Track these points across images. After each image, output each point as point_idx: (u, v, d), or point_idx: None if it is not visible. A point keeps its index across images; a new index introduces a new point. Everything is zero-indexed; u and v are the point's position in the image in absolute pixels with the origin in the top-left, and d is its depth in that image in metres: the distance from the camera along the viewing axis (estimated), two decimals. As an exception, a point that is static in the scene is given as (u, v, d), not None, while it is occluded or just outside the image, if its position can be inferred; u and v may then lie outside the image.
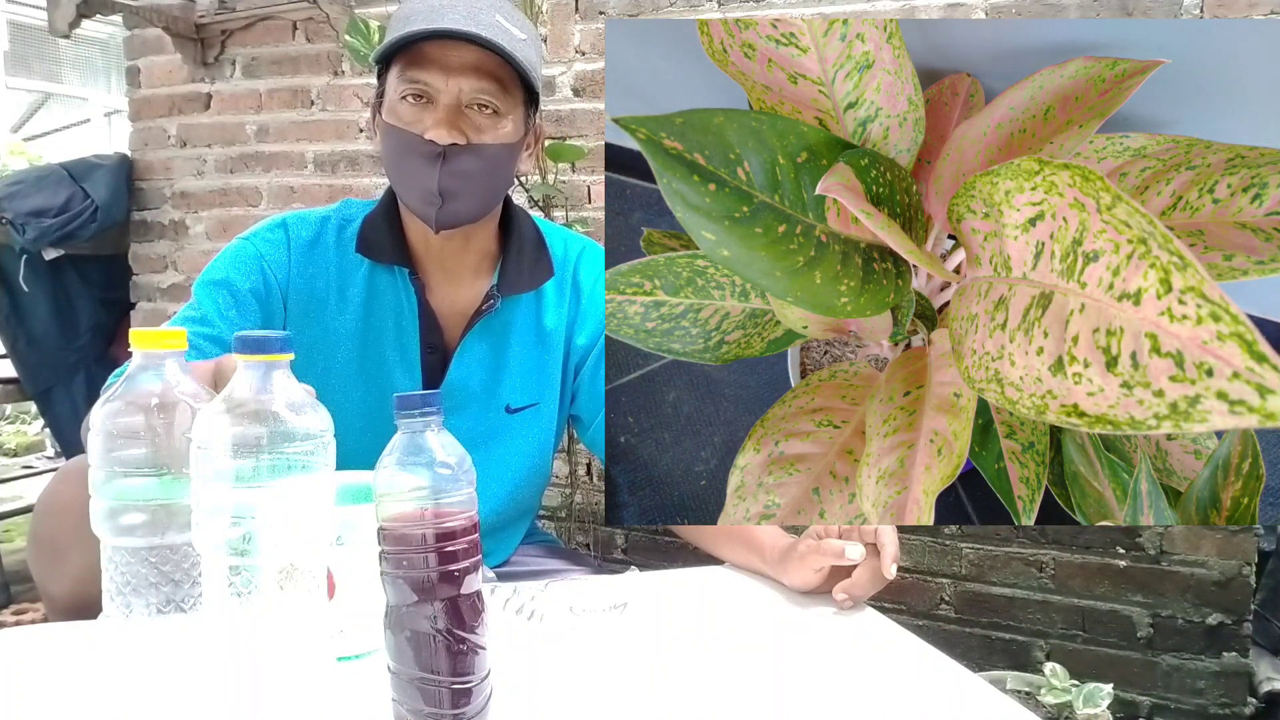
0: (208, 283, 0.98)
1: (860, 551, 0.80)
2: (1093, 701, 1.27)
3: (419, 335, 1.01)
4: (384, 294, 1.01)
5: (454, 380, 1.02)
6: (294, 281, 1.00)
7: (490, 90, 0.92)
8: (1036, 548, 1.64)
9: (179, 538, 0.64)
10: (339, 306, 1.01)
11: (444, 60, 0.90)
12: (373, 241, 1.01)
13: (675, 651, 0.73)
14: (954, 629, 1.68)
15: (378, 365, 1.01)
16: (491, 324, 1.03)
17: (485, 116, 0.93)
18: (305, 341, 0.99)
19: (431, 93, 0.91)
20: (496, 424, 1.05)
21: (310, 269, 1.01)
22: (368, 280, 1.01)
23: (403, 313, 1.01)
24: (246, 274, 0.98)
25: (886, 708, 0.65)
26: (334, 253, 1.02)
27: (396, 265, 1.00)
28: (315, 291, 1.01)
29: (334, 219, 1.04)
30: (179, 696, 0.60)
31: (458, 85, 0.91)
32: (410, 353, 1.02)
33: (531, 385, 1.06)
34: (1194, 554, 1.54)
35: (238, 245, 1.01)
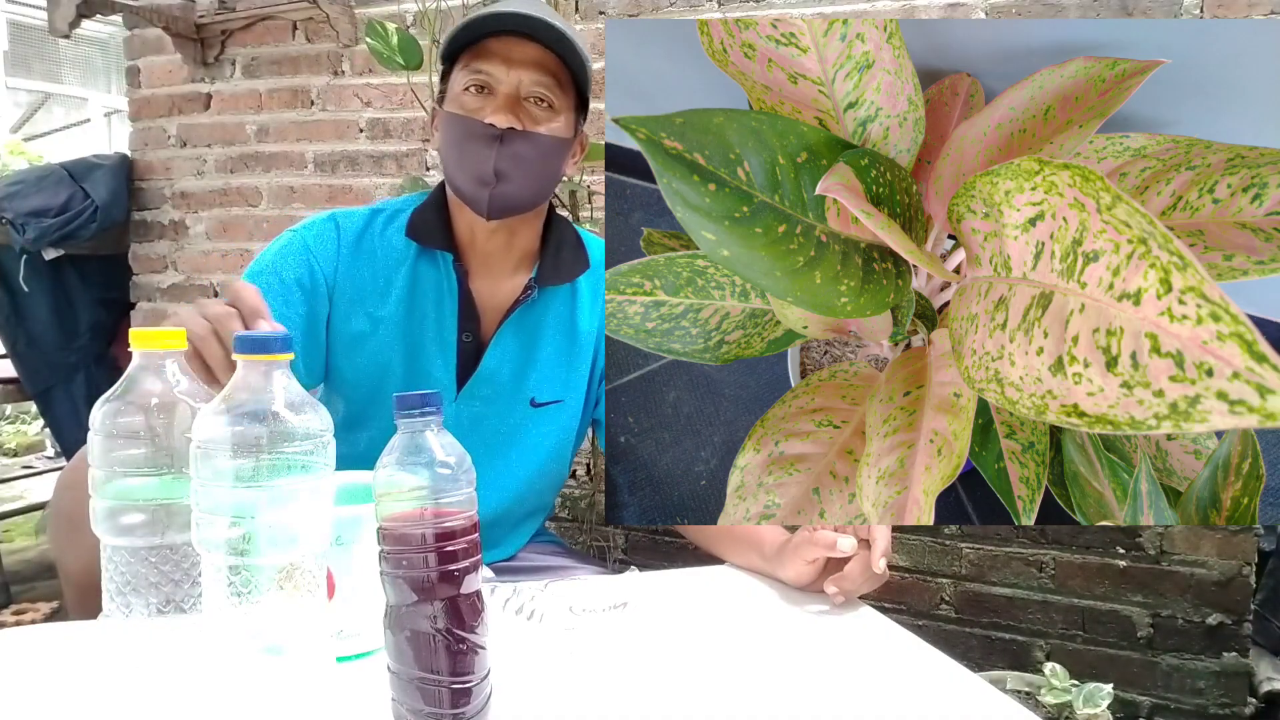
0: (253, 273, 1.00)
1: (852, 544, 0.81)
2: (1093, 701, 1.27)
3: (457, 320, 1.04)
4: (427, 279, 1.04)
5: (487, 369, 1.05)
6: (341, 274, 1.03)
7: (547, 84, 0.98)
8: (1036, 548, 1.64)
9: (179, 538, 0.64)
10: (384, 295, 1.04)
11: (506, 54, 0.96)
12: (421, 228, 1.04)
13: (675, 651, 0.73)
14: (954, 629, 1.68)
15: (418, 349, 1.04)
16: (527, 316, 1.06)
17: (541, 109, 0.98)
18: (352, 331, 1.03)
19: (493, 83, 0.97)
20: (521, 417, 1.07)
21: (358, 261, 1.04)
22: (412, 267, 1.04)
23: (443, 297, 1.04)
24: (293, 265, 1.01)
25: (886, 707, 0.65)
26: (380, 241, 1.05)
27: (441, 251, 1.04)
28: (362, 283, 1.04)
29: (384, 212, 1.08)
30: (179, 696, 0.60)
31: (518, 77, 0.96)
32: (448, 336, 1.04)
33: (559, 382, 1.08)
34: (1194, 554, 1.54)
35: (286, 238, 1.04)
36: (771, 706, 0.63)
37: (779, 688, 0.66)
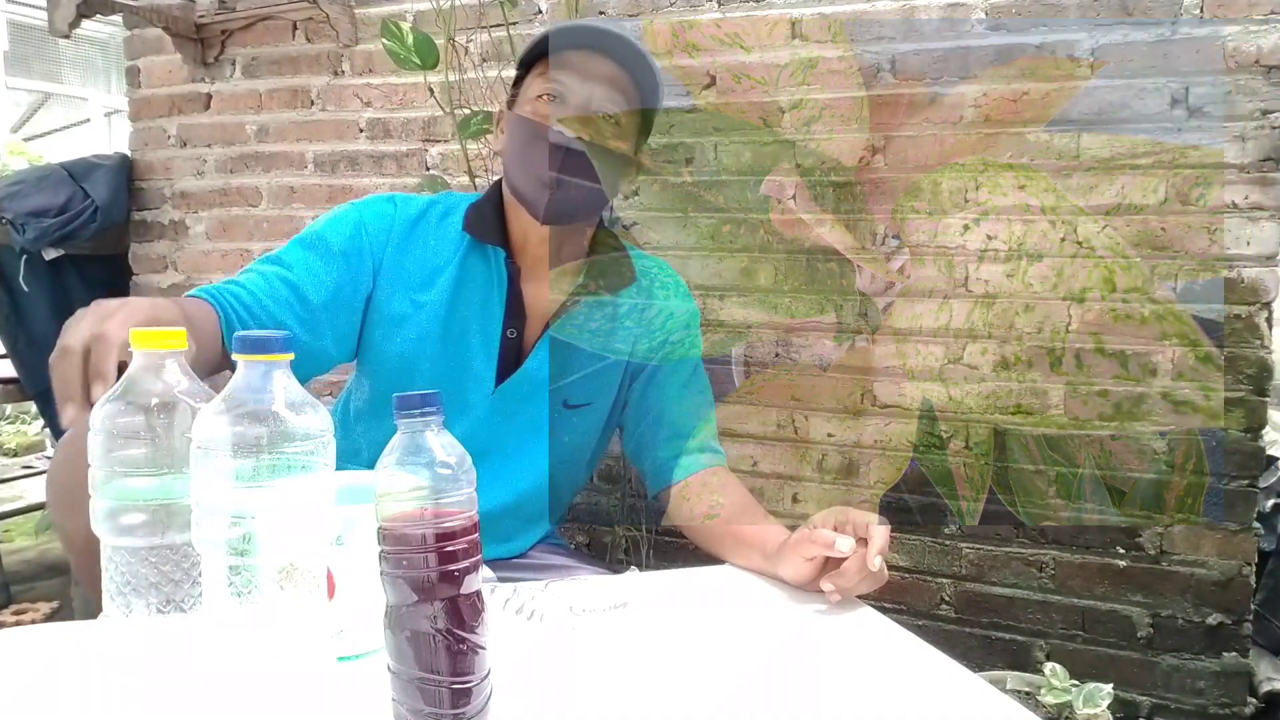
0: (301, 236, 1.03)
1: (850, 544, 0.81)
2: (1093, 701, 1.27)
3: (504, 315, 1.06)
4: (476, 272, 1.06)
5: (528, 369, 1.07)
6: (390, 254, 1.05)
7: (617, 102, 1.01)
8: (1036, 548, 1.64)
9: (179, 538, 0.64)
10: (431, 281, 1.05)
11: (583, 67, 1.00)
12: (477, 223, 1.06)
13: (675, 651, 0.73)
14: (954, 629, 1.68)
15: (460, 339, 1.06)
16: (569, 321, 1.08)
17: (608, 125, 1.01)
18: (393, 312, 1.05)
19: (566, 94, 1.00)
20: (554, 416, 1.09)
21: (410, 244, 1.06)
22: (462, 260, 1.06)
23: (491, 290, 1.06)
24: (341, 234, 1.03)
25: (886, 707, 0.65)
26: (434, 232, 1.07)
27: (494, 246, 1.06)
28: (410, 266, 1.05)
29: (440, 204, 1.10)
30: (179, 696, 0.60)
31: (590, 91, 1.00)
32: (492, 328, 1.06)
33: (590, 386, 1.10)
34: (1194, 554, 1.54)
35: (345, 209, 1.07)
36: (771, 706, 0.63)
37: (779, 687, 0.66)
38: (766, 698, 0.65)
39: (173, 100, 2.37)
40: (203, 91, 2.34)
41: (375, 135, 2.17)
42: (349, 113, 2.19)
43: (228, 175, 2.33)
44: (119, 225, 2.40)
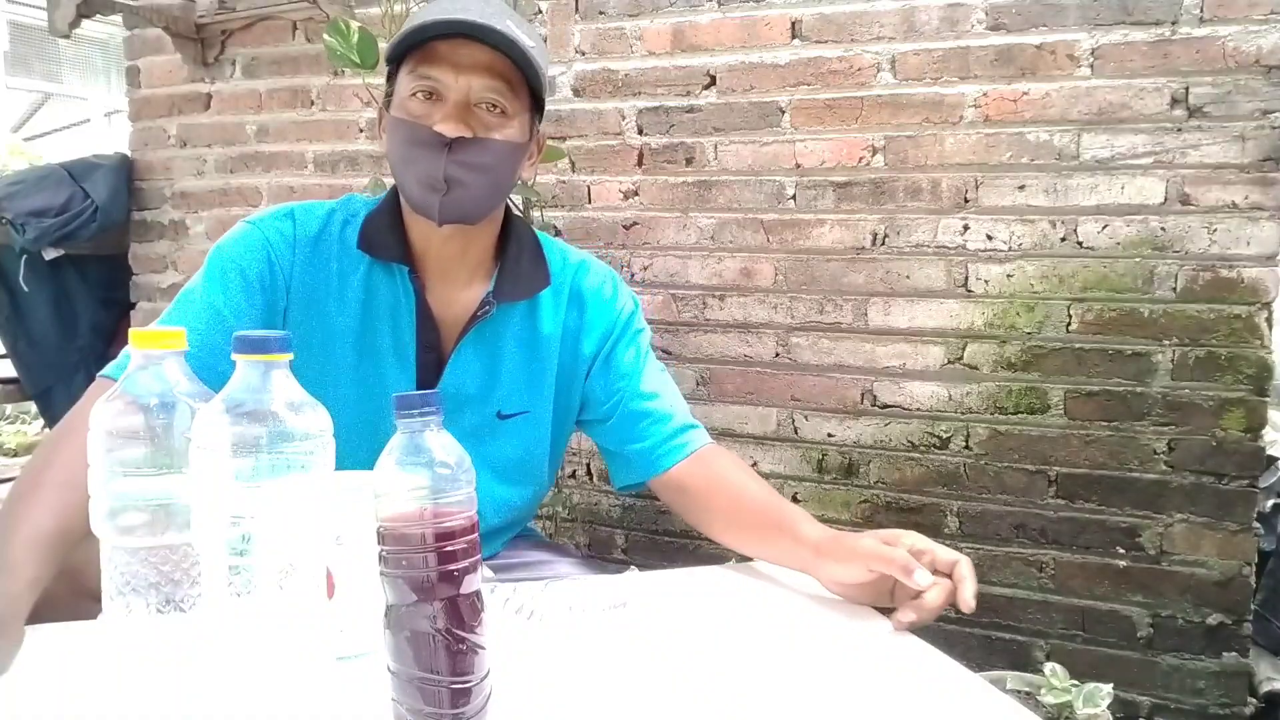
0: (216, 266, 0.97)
1: (928, 580, 0.79)
2: (1093, 701, 1.27)
3: (415, 334, 1.01)
4: (382, 292, 1.01)
5: (449, 384, 1.02)
6: (297, 274, 1.00)
7: (499, 90, 0.93)
8: (1036, 548, 1.64)
9: (179, 538, 0.64)
10: (339, 304, 1.01)
11: (455, 58, 0.92)
12: (374, 239, 1.01)
13: (674, 651, 0.73)
14: (954, 629, 1.68)
15: (373, 364, 1.01)
16: (486, 330, 1.03)
17: (493, 115, 0.94)
18: (304, 336, 0.99)
19: (441, 89, 0.93)
20: (489, 429, 1.05)
21: (314, 263, 1.01)
22: (365, 279, 1.01)
23: (400, 311, 1.01)
24: (254, 260, 0.98)
25: (887, 707, 0.65)
26: (336, 248, 1.02)
27: (396, 263, 1.01)
28: (317, 286, 1.01)
29: (339, 214, 1.04)
30: (179, 696, 0.60)
31: (468, 83, 0.92)
32: (406, 351, 1.02)
33: (524, 393, 1.06)
34: (1194, 554, 1.54)
35: (245, 230, 1.00)
36: (771, 706, 0.63)
37: (778, 687, 0.66)
38: (766, 698, 0.65)
39: (173, 100, 2.37)
40: (203, 91, 2.34)
41: (375, 135, 2.17)
42: (349, 113, 2.19)
43: (228, 175, 2.33)
44: (119, 225, 2.41)
